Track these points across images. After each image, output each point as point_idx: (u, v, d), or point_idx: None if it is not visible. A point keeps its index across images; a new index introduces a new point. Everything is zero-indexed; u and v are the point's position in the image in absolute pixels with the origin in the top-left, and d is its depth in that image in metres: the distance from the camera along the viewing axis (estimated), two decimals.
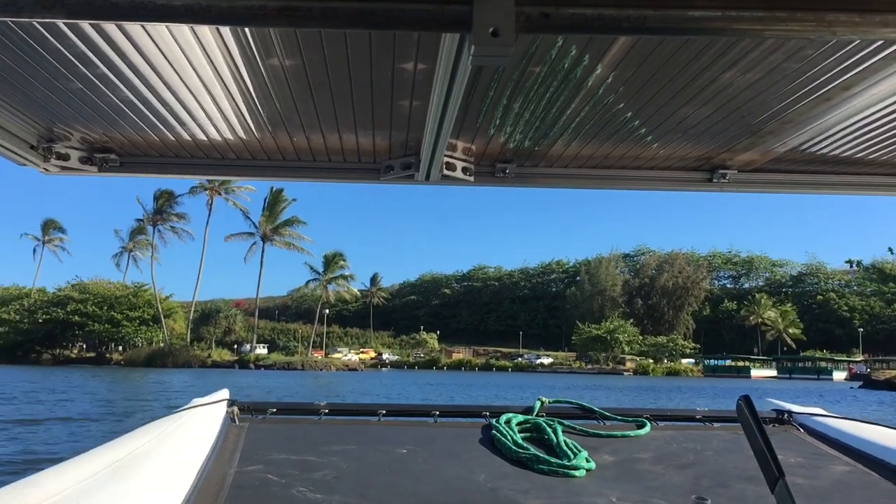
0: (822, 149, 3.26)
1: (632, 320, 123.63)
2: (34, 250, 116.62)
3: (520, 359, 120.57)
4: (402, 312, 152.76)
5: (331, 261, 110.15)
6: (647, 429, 3.59)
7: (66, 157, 3.25)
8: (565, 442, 3.25)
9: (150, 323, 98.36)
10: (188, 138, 3.18)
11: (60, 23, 2.09)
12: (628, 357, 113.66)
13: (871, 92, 2.57)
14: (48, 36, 2.17)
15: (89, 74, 2.49)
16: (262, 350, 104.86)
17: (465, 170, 3.37)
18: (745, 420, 1.88)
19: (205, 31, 2.18)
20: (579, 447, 3.18)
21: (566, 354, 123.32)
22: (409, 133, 3.09)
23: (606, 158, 3.44)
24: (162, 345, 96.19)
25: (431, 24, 1.65)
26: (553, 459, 3.03)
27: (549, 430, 3.40)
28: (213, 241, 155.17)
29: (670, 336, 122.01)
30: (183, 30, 2.18)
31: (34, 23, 2.08)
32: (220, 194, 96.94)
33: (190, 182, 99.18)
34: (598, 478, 2.93)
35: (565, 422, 3.56)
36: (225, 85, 2.62)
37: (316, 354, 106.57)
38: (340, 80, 2.56)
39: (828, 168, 3.55)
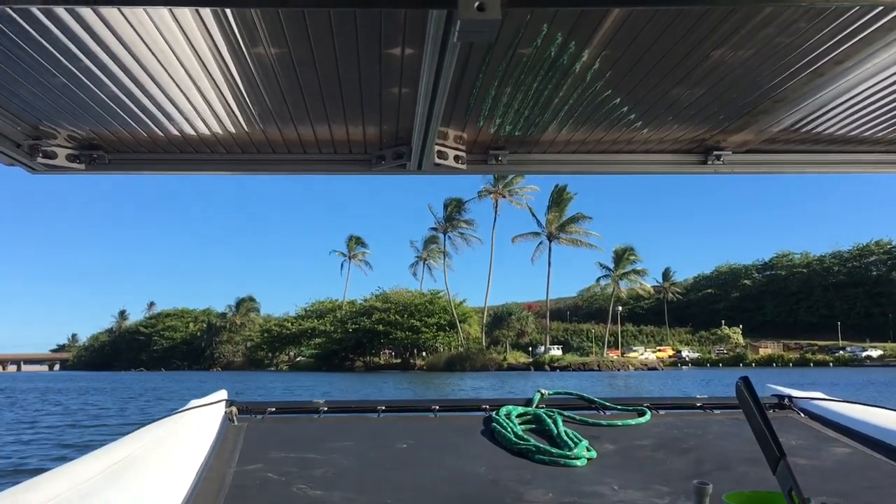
0: (816, 127, 3.17)
1: None
2: (341, 265, 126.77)
3: (841, 352, 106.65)
4: (698, 307, 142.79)
5: (621, 256, 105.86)
6: (648, 417, 3.60)
7: (53, 156, 3.16)
8: (566, 432, 3.26)
9: (447, 328, 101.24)
10: (176, 133, 3.09)
11: (39, 14, 2.04)
12: None
13: (864, 66, 2.50)
14: (29, 29, 2.12)
15: (72, 68, 2.42)
16: (556, 351, 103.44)
17: (457, 158, 3.30)
18: (744, 402, 1.89)
19: (188, 20, 2.14)
20: (580, 437, 3.21)
21: None
22: (400, 123, 3.02)
23: (599, 143, 3.34)
24: (460, 349, 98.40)
25: (416, 0, 1.65)
26: (554, 450, 3.05)
27: (549, 420, 3.41)
28: (501, 243, 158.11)
29: None
30: (165, 19, 2.14)
31: (13, 15, 2.03)
32: (504, 196, 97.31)
33: (475, 187, 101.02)
34: (600, 466, 2.96)
35: (565, 412, 3.59)
36: (211, 77, 2.56)
37: (611, 354, 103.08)
38: (328, 69, 2.52)
39: (822, 147, 3.44)
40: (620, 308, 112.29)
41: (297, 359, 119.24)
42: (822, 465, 2.97)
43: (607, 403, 3.81)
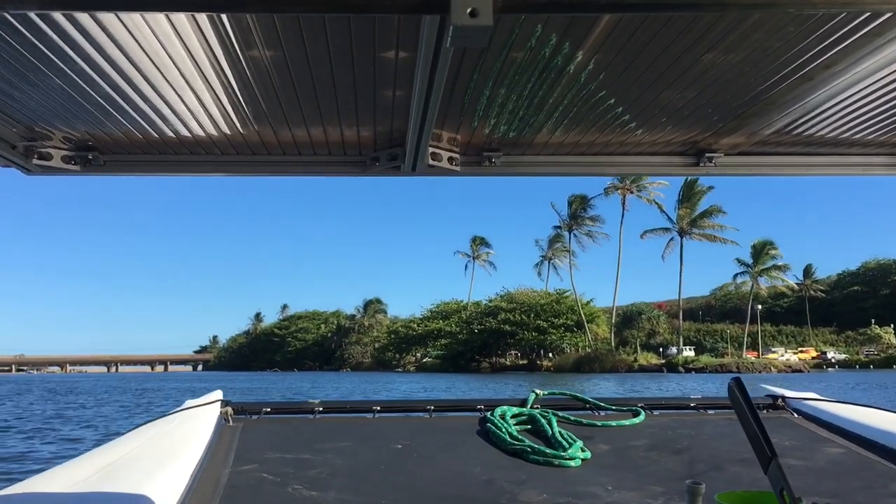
0: (807, 130, 3.19)
1: None
2: (465, 266, 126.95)
3: None
4: (843, 306, 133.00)
5: (760, 251, 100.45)
6: (642, 417, 3.65)
7: (48, 157, 3.15)
8: (560, 433, 3.28)
9: (574, 329, 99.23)
10: (171, 135, 3.08)
11: (34, 16, 2.03)
12: None
13: (853, 70, 2.54)
14: (24, 31, 2.12)
15: (67, 70, 2.41)
16: (688, 353, 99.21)
17: (451, 160, 3.32)
18: (736, 402, 1.92)
19: (183, 22, 2.15)
20: (574, 437, 3.25)
21: None
22: (394, 124, 3.03)
23: (593, 145, 3.34)
24: (588, 350, 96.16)
25: (409, 6, 1.64)
26: (548, 450, 3.09)
27: (543, 421, 3.42)
28: (629, 240, 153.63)
29: None
30: (160, 21, 2.14)
31: (7, 17, 2.03)
32: (631, 192, 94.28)
33: (602, 184, 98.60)
34: (594, 466, 3.02)
35: (560, 413, 3.63)
36: (206, 78, 2.57)
37: (749, 355, 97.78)
38: (322, 72, 2.54)
39: (813, 149, 3.46)
40: (759, 307, 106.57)
41: (424, 360, 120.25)
42: (815, 465, 3.02)
43: (602, 404, 3.85)
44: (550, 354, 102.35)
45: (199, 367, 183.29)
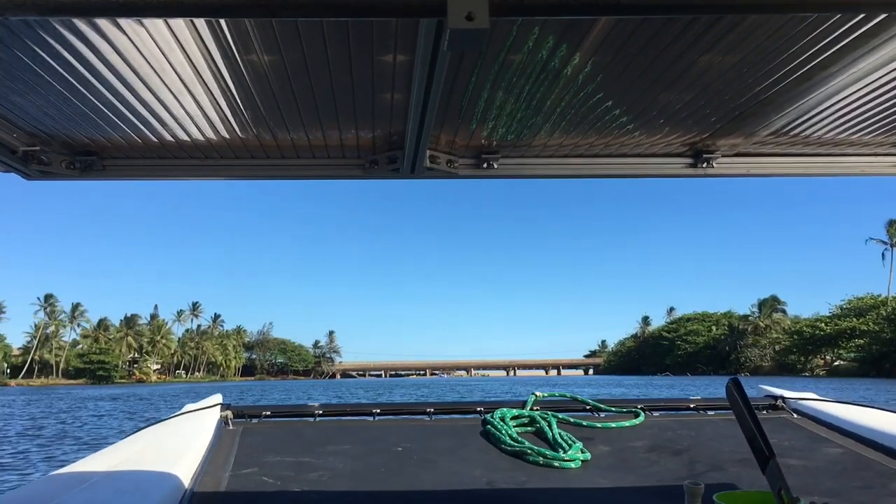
0: (804, 130, 3.18)
1: None
2: (882, 255, 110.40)
3: None
4: None
5: None
6: (641, 419, 3.70)
7: (48, 163, 3.20)
8: (560, 434, 3.34)
9: None
10: (171, 139, 3.10)
11: (34, 22, 2.06)
12: None
13: (849, 71, 2.54)
14: (23, 37, 2.15)
15: (67, 76, 2.44)
16: None
17: (449, 162, 3.35)
18: (734, 403, 1.94)
19: (181, 27, 2.18)
20: (574, 439, 3.31)
21: None
22: (393, 127, 3.05)
23: (591, 147, 3.35)
24: None
25: (406, 10, 1.65)
26: (548, 452, 3.14)
27: (543, 423, 3.48)
28: None
29: None
30: (159, 27, 2.18)
31: (7, 23, 2.06)
32: None
33: None
34: (594, 468, 3.07)
35: (560, 415, 3.68)
36: (205, 83, 2.59)
37: None
38: (320, 75, 2.56)
39: (811, 150, 3.47)
40: None
41: (836, 363, 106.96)
42: (814, 464, 3.04)
43: (601, 405, 3.87)
44: None
45: (590, 371, 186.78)
